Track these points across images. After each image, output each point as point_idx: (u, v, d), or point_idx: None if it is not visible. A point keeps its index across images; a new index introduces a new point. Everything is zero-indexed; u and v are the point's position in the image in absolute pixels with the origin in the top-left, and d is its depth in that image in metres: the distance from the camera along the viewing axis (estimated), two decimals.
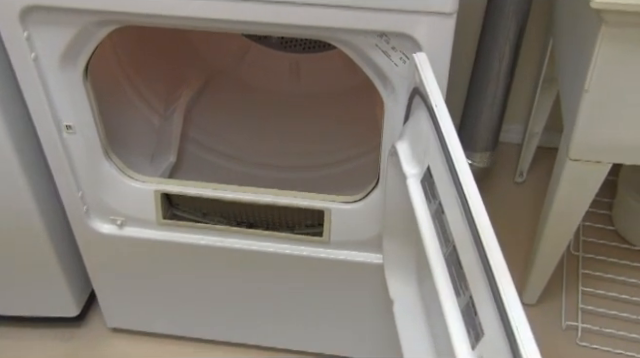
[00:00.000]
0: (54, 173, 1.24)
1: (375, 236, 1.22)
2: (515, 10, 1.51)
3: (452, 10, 0.93)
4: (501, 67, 1.59)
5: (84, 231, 1.33)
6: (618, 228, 1.73)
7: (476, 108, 1.66)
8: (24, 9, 1.00)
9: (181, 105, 1.54)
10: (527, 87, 1.84)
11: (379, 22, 0.95)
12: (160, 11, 0.98)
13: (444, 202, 0.83)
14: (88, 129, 1.18)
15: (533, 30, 1.67)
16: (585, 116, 1.19)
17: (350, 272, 1.30)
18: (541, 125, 1.79)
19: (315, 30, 0.99)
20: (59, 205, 1.30)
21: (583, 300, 1.58)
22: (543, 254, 1.48)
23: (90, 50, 1.08)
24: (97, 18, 1.02)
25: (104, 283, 1.44)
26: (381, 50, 1.00)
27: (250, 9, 0.96)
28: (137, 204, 1.28)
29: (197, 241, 1.31)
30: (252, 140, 1.58)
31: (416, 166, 0.94)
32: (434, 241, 0.83)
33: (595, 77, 1.13)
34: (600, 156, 1.25)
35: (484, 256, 0.70)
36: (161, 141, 1.49)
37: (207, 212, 1.32)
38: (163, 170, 1.44)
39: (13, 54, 1.07)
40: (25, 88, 1.11)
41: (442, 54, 0.98)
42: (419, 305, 1.09)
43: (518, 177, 1.88)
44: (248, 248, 1.31)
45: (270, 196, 1.24)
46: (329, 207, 1.23)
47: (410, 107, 0.99)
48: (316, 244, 1.28)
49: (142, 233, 1.32)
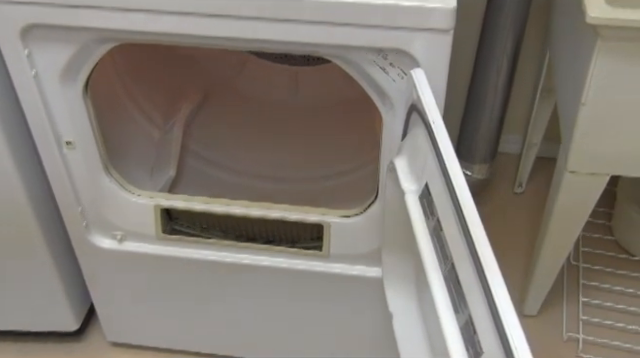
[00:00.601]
0: (54, 188, 1.24)
1: (375, 250, 1.23)
2: (512, 22, 1.51)
3: (449, 27, 0.94)
4: (499, 79, 1.59)
5: (84, 246, 1.33)
6: (618, 238, 1.73)
7: (474, 119, 1.67)
8: (25, 27, 1.01)
9: (181, 118, 1.55)
10: (525, 98, 1.85)
11: (376, 39, 0.96)
12: (159, 29, 0.99)
13: (442, 219, 0.83)
14: (88, 144, 1.18)
15: (530, 42, 1.68)
16: (583, 129, 1.20)
17: (349, 286, 1.31)
18: (540, 135, 1.79)
19: (313, 47, 1.00)
20: (59, 220, 1.31)
21: (584, 311, 1.58)
22: (543, 265, 1.48)
23: (90, 66, 1.08)
24: (97, 36, 1.02)
25: (103, 297, 1.45)
26: (379, 66, 1.00)
27: (248, 27, 0.96)
28: (137, 219, 1.28)
29: (197, 255, 1.32)
30: (252, 152, 1.58)
31: (414, 182, 0.94)
32: (433, 258, 0.83)
33: (592, 90, 1.14)
34: (598, 168, 1.26)
35: (482, 274, 0.70)
36: (161, 154, 1.50)
37: (207, 226, 1.32)
38: (163, 184, 1.44)
39: (14, 71, 1.07)
40: (25, 104, 1.12)
41: (439, 70, 0.98)
42: (418, 319, 1.09)
43: (517, 188, 1.89)
44: (247, 262, 1.31)
45: (270, 210, 1.25)
46: (328, 221, 1.23)
47: (408, 123, 1.00)
48: (315, 258, 1.28)
49: (142, 248, 1.32)
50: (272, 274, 1.32)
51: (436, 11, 0.92)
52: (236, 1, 0.94)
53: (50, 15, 0.98)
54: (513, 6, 1.49)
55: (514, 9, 1.49)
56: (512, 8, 1.49)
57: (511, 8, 1.49)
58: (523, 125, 1.89)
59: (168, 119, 1.54)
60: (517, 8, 1.49)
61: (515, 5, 1.49)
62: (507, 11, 1.49)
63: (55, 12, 0.98)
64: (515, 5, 1.49)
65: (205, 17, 0.96)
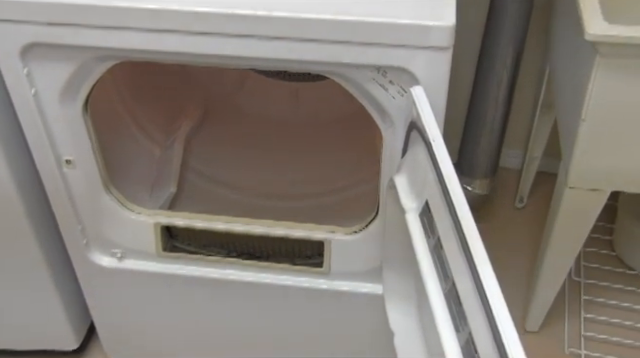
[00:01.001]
0: (54, 207, 1.24)
1: (375, 267, 1.22)
2: (512, 37, 1.51)
3: (448, 44, 0.94)
4: (499, 93, 1.59)
5: (84, 264, 1.33)
6: (619, 253, 1.73)
7: (475, 134, 1.67)
8: (25, 46, 1.01)
9: (181, 135, 1.55)
10: (526, 112, 1.85)
11: (376, 57, 0.96)
12: (159, 48, 0.99)
13: (443, 237, 0.83)
14: (88, 163, 1.18)
15: (530, 57, 1.68)
16: (583, 145, 1.20)
17: (350, 302, 1.30)
18: (540, 150, 1.79)
19: (312, 64, 1.00)
20: (59, 238, 1.30)
21: (586, 327, 1.57)
22: (544, 281, 1.48)
23: (90, 85, 1.08)
24: (97, 54, 1.03)
25: (104, 315, 1.44)
26: (378, 84, 1.00)
27: (246, 45, 0.97)
28: (137, 236, 1.28)
29: (197, 273, 1.31)
30: (252, 169, 1.58)
31: (415, 200, 0.94)
32: (433, 277, 0.83)
33: (591, 106, 1.14)
34: (599, 184, 1.26)
35: (482, 293, 0.70)
36: (161, 172, 1.50)
37: (207, 243, 1.32)
38: (163, 201, 1.44)
39: (13, 90, 1.08)
40: (25, 123, 1.12)
41: (439, 87, 0.98)
42: (420, 338, 1.09)
43: (518, 202, 1.88)
44: (248, 279, 1.30)
45: (270, 228, 1.24)
46: (329, 238, 1.23)
47: (408, 140, 1.00)
48: (316, 275, 1.28)
49: (142, 265, 1.32)
50: (273, 291, 1.32)
51: (435, 29, 0.92)
52: (234, 19, 0.95)
53: (49, 34, 0.99)
54: (513, 21, 1.49)
55: (514, 24, 1.50)
56: (512, 23, 1.49)
57: (511, 23, 1.49)
58: (524, 140, 1.89)
59: (168, 136, 1.54)
60: (517, 23, 1.50)
61: (515, 20, 1.49)
62: (507, 26, 1.50)
63: (54, 31, 0.98)
64: (515, 20, 1.49)
65: (204, 35, 0.96)
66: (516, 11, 1.48)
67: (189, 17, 0.95)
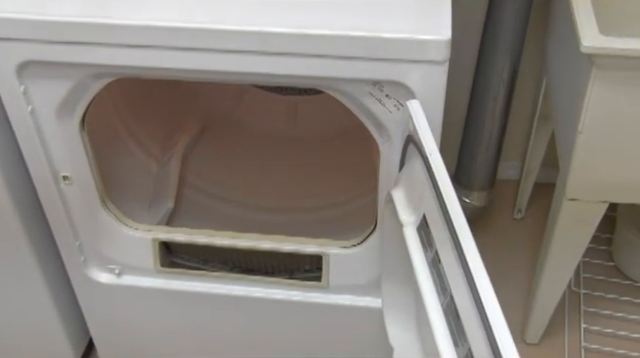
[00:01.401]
0: (51, 223, 1.24)
1: (374, 280, 1.22)
2: (508, 49, 1.52)
3: (444, 58, 0.94)
4: (496, 106, 1.59)
5: (82, 280, 1.32)
6: (618, 264, 1.73)
7: (472, 147, 1.67)
8: (20, 64, 1.01)
9: (178, 150, 1.55)
10: (523, 124, 1.85)
11: (372, 71, 0.96)
12: (154, 64, 0.99)
13: (440, 251, 0.83)
14: (85, 179, 1.18)
15: (527, 69, 1.68)
16: (580, 157, 1.20)
17: (349, 316, 1.30)
18: (538, 161, 1.79)
19: (309, 79, 1.00)
20: (57, 254, 1.30)
21: (585, 338, 1.57)
22: (544, 292, 1.47)
23: (87, 102, 1.08)
24: (93, 72, 1.03)
25: (102, 331, 1.44)
26: (375, 98, 1.00)
27: (243, 61, 0.97)
28: (135, 252, 1.28)
29: (195, 288, 1.31)
30: (250, 183, 1.58)
31: (412, 214, 0.94)
32: (432, 291, 0.82)
33: (588, 119, 1.14)
34: (597, 196, 1.26)
35: (481, 308, 0.70)
36: (159, 187, 1.50)
37: (205, 258, 1.31)
38: (161, 216, 1.44)
39: (10, 107, 1.08)
40: (22, 140, 1.12)
41: (435, 101, 0.98)
42: (419, 352, 1.08)
43: (517, 214, 1.88)
44: (247, 294, 1.30)
45: (268, 242, 1.24)
46: (327, 252, 1.23)
47: (405, 154, 1.00)
48: (315, 289, 1.28)
49: (140, 281, 1.31)
50: (272, 305, 1.32)
51: (431, 43, 0.93)
52: (230, 35, 0.95)
53: (45, 52, 0.99)
54: (509, 33, 1.50)
55: (510, 36, 1.50)
56: (508, 35, 1.50)
57: (507, 35, 1.50)
58: (521, 152, 1.89)
59: (166, 151, 1.54)
60: (513, 35, 1.50)
61: (511, 32, 1.49)
62: (503, 38, 1.50)
63: (50, 49, 0.98)
64: (511, 32, 1.49)
65: (199, 52, 0.96)
66: (512, 23, 1.48)
67: (184, 34, 0.95)
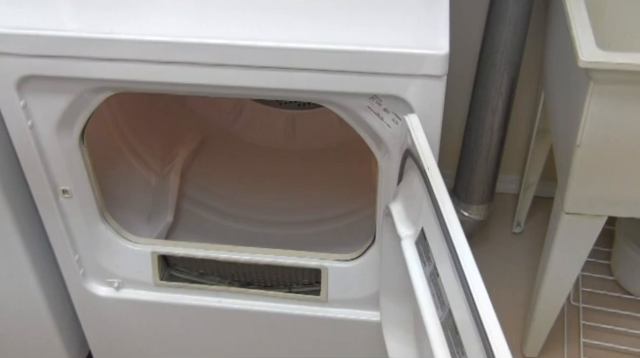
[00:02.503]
0: (50, 237, 1.24)
1: (373, 294, 1.22)
2: (507, 63, 1.52)
3: (442, 73, 0.94)
4: (494, 120, 1.60)
5: (81, 294, 1.32)
6: (617, 278, 1.73)
7: (471, 160, 1.67)
8: (20, 79, 1.02)
9: (177, 164, 1.55)
10: (521, 138, 1.85)
11: (370, 85, 0.97)
12: (154, 78, 1.00)
13: (439, 265, 0.83)
14: (84, 193, 1.19)
15: (525, 83, 1.69)
16: (578, 170, 1.20)
17: (348, 330, 1.30)
18: (537, 175, 1.80)
19: (307, 94, 1.00)
20: (56, 268, 1.30)
21: (585, 352, 1.56)
22: (543, 306, 1.47)
23: (86, 116, 1.09)
24: (92, 86, 1.03)
25: (101, 345, 1.43)
26: (373, 112, 1.01)
27: (240, 75, 0.97)
28: (134, 266, 1.28)
29: (194, 302, 1.31)
30: (249, 197, 1.58)
31: (410, 227, 0.94)
32: (430, 305, 0.82)
33: (586, 132, 1.14)
34: (595, 209, 1.26)
35: (479, 322, 0.70)
36: (158, 200, 1.50)
37: (204, 272, 1.31)
38: (160, 230, 1.44)
39: (9, 121, 1.08)
40: (21, 154, 1.12)
41: (434, 115, 0.99)
42: None
43: (515, 227, 1.88)
44: (245, 308, 1.30)
45: (266, 256, 1.24)
46: (326, 265, 1.23)
47: (403, 168, 1.00)
48: (314, 303, 1.28)
49: (139, 295, 1.31)
50: (270, 319, 1.32)
51: (429, 57, 0.93)
52: (230, 50, 0.95)
53: (45, 66, 0.99)
54: (508, 47, 1.50)
55: (509, 50, 1.51)
56: (507, 49, 1.50)
57: (506, 49, 1.50)
58: (520, 165, 1.89)
59: (165, 165, 1.54)
60: (511, 49, 1.51)
61: (509, 46, 1.50)
62: (502, 52, 1.51)
63: (50, 63, 0.99)
64: (509, 46, 1.50)
65: (196, 66, 0.97)
66: (510, 38, 1.49)
67: (184, 48, 0.96)
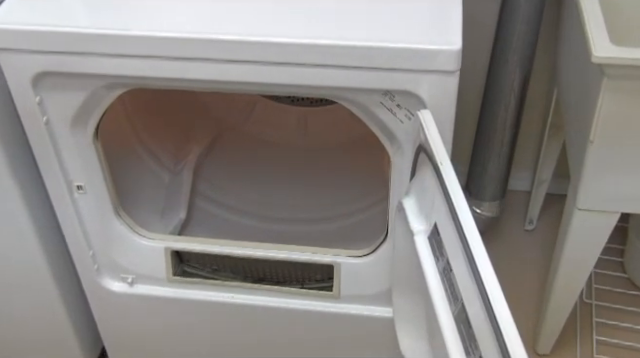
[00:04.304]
0: (65, 233, 1.25)
1: (385, 290, 1.22)
2: (519, 59, 1.52)
3: (455, 68, 0.94)
4: (507, 116, 1.60)
5: (95, 289, 1.33)
6: (630, 275, 1.72)
7: (483, 157, 1.67)
8: (36, 75, 1.03)
9: (190, 161, 1.56)
10: (534, 135, 1.85)
11: (383, 81, 0.97)
12: (167, 75, 1.00)
13: (452, 259, 0.83)
14: (99, 189, 1.19)
15: (538, 79, 1.69)
16: (591, 167, 1.20)
17: (361, 326, 1.30)
18: (549, 172, 1.79)
19: (320, 89, 1.01)
20: (70, 263, 1.31)
21: (598, 350, 1.56)
22: (555, 303, 1.47)
23: (100, 112, 1.10)
24: (107, 82, 1.04)
25: (115, 340, 1.44)
26: (386, 108, 1.01)
27: (254, 71, 0.98)
28: (147, 262, 1.29)
29: (208, 297, 1.32)
30: (261, 194, 1.59)
31: (423, 222, 0.94)
32: (443, 300, 0.83)
33: (600, 128, 1.14)
34: (608, 206, 1.25)
35: (492, 315, 0.70)
36: (171, 197, 1.51)
37: (217, 268, 1.32)
38: (173, 226, 1.45)
39: (25, 118, 1.09)
40: (37, 150, 1.13)
41: (446, 110, 0.99)
42: None
43: (528, 225, 1.88)
44: (258, 303, 1.31)
45: (279, 252, 1.25)
46: (338, 261, 1.23)
47: (416, 163, 1.00)
48: (326, 299, 1.28)
49: (153, 290, 1.32)
50: (283, 315, 1.32)
51: (442, 53, 0.93)
52: (242, 46, 0.96)
53: (60, 63, 1.00)
54: (520, 43, 1.50)
55: (521, 46, 1.50)
56: (519, 45, 1.50)
57: (518, 45, 1.50)
58: (533, 162, 1.89)
59: (178, 162, 1.55)
60: (524, 45, 1.51)
61: (522, 42, 1.50)
62: (514, 48, 1.50)
63: (65, 60, 1.00)
64: (522, 42, 1.50)
65: (210, 62, 0.98)
66: (523, 34, 1.49)
67: (198, 44, 0.97)
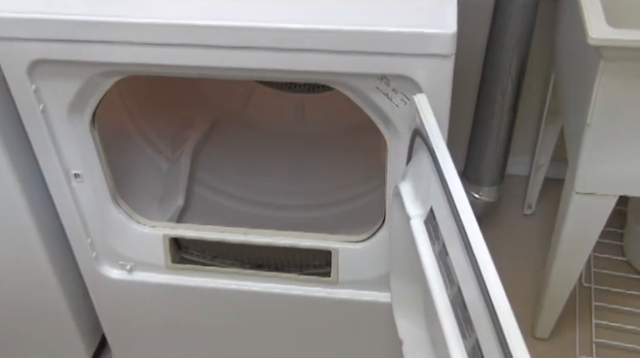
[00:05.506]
0: (63, 221, 1.25)
1: (383, 275, 1.22)
2: (516, 44, 1.52)
3: (450, 52, 0.94)
4: (504, 101, 1.59)
5: (94, 277, 1.34)
6: (629, 258, 1.72)
7: (481, 142, 1.67)
8: (31, 63, 1.02)
9: (188, 148, 1.56)
10: (532, 119, 1.85)
11: (378, 65, 0.97)
12: (163, 61, 1.00)
13: (447, 243, 0.83)
14: (96, 176, 1.19)
15: (535, 64, 1.68)
16: (588, 150, 1.20)
17: (359, 311, 1.30)
18: (547, 157, 1.79)
19: (317, 75, 1.01)
20: (69, 251, 1.31)
21: (597, 333, 1.56)
22: (554, 287, 1.47)
23: (97, 100, 1.10)
24: (103, 69, 1.04)
25: (115, 328, 1.45)
26: (382, 92, 1.01)
27: (250, 57, 0.97)
28: (146, 249, 1.29)
29: (206, 284, 1.32)
30: (259, 180, 1.59)
31: (420, 207, 0.94)
32: (439, 283, 0.83)
33: (596, 111, 1.14)
34: (606, 189, 1.25)
35: (488, 298, 0.70)
36: (169, 184, 1.51)
37: (216, 254, 1.32)
38: (172, 213, 1.45)
39: (21, 106, 1.09)
40: (33, 139, 1.13)
41: (442, 95, 0.99)
42: (428, 345, 1.09)
43: (527, 209, 1.88)
44: (257, 290, 1.31)
45: (278, 238, 1.25)
46: (336, 247, 1.24)
47: (412, 148, 1.00)
48: (324, 284, 1.28)
49: (151, 277, 1.32)
50: (282, 300, 1.32)
51: (436, 37, 0.93)
52: (238, 31, 0.96)
53: (56, 51, 1.00)
54: (517, 28, 1.50)
55: (518, 31, 1.50)
56: (516, 30, 1.50)
57: (515, 30, 1.50)
58: (530, 147, 1.89)
59: (176, 149, 1.55)
60: (521, 30, 1.50)
61: (519, 27, 1.50)
62: (511, 33, 1.50)
63: (61, 47, 0.99)
64: (519, 27, 1.50)
65: (205, 48, 0.97)
66: (520, 18, 1.48)
67: (193, 31, 0.96)
